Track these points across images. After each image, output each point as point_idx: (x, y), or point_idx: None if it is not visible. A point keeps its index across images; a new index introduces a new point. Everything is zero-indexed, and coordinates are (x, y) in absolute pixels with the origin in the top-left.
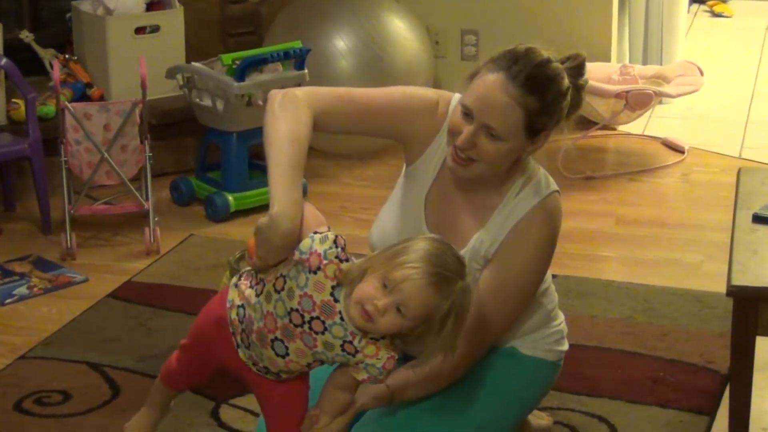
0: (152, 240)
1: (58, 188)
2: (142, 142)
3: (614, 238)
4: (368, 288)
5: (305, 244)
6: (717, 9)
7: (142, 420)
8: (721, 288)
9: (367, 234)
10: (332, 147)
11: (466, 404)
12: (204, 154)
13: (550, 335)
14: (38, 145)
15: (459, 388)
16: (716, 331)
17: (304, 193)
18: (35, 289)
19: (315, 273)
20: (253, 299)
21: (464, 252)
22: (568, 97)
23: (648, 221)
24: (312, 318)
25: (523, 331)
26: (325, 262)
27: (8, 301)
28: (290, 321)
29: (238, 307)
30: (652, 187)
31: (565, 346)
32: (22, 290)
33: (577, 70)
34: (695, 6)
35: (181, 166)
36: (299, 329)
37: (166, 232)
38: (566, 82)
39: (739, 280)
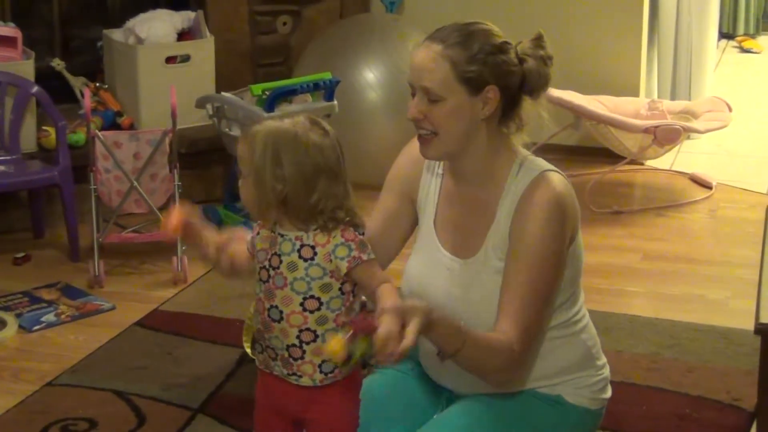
0: (179, 269)
1: (86, 216)
2: (171, 171)
3: (641, 273)
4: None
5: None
6: (746, 44)
7: None
8: (748, 325)
9: (403, 266)
10: (362, 178)
11: None
12: (232, 184)
13: (595, 383)
14: (68, 173)
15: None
16: (743, 369)
17: None
18: (63, 317)
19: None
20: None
21: (482, 251)
22: (511, 55)
23: (675, 257)
24: (268, 260)
25: (565, 369)
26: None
27: (36, 327)
28: (264, 281)
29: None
30: (680, 222)
31: (609, 393)
32: (50, 317)
33: (536, 43)
34: (724, 41)
35: (210, 195)
36: (271, 279)
37: (193, 261)
38: (498, 38)
39: (767, 318)
